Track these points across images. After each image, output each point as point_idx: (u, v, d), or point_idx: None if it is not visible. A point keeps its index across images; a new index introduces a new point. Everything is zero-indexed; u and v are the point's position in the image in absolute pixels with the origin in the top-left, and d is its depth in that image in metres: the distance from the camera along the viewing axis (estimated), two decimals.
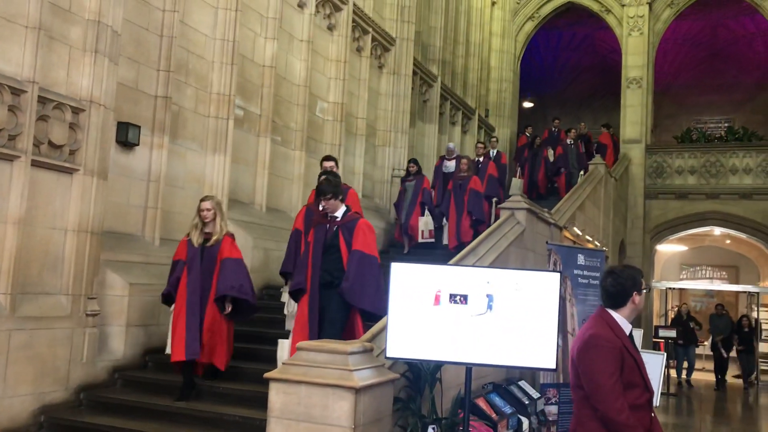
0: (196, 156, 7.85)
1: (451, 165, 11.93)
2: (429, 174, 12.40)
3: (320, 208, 5.58)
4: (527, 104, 23.79)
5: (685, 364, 15.11)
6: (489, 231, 7.83)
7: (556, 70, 24.59)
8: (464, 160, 11.20)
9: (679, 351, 15.01)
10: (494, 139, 14.74)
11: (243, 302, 5.96)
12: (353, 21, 11.04)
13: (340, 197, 5.43)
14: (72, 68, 5.78)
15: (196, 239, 5.94)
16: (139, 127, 6.88)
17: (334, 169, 8.36)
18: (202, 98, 7.93)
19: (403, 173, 12.37)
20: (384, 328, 4.45)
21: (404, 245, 10.89)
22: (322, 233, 5.46)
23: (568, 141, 14.90)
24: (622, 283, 3.35)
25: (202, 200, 6.06)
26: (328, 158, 7.50)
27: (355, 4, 11.04)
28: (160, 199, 7.14)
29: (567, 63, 24.23)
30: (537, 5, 18.96)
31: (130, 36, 6.80)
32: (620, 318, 3.33)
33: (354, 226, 5.35)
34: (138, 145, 6.91)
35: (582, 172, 14.04)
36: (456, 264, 5.87)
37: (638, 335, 9.24)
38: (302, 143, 9.78)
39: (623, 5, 17.63)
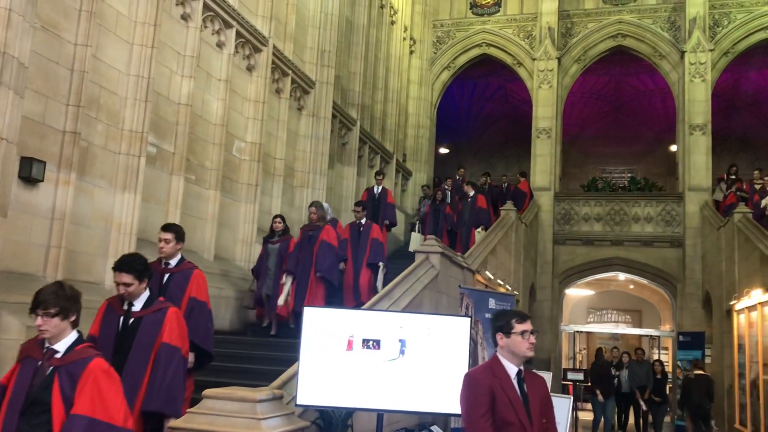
0: (104, 194, 7.58)
1: None
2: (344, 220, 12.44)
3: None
4: (443, 150, 24.38)
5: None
6: (404, 274, 7.89)
7: (471, 119, 25.37)
8: (312, 209, 9.29)
9: (596, 405, 13.42)
10: (380, 177, 13.60)
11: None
12: (273, 63, 11.07)
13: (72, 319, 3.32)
14: None
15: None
16: (44, 162, 6.60)
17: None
18: (113, 135, 7.71)
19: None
20: (295, 375, 4.38)
21: (270, 324, 9.01)
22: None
23: (468, 197, 14.31)
24: (492, 327, 3.56)
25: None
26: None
27: (275, 47, 11.10)
28: (64, 238, 6.83)
29: (481, 112, 25.06)
30: (453, 55, 19.61)
31: (38, 69, 6.56)
32: (504, 360, 3.47)
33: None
34: (42, 181, 6.61)
35: (481, 229, 13.38)
36: (369, 308, 5.87)
37: (548, 378, 9.46)
38: (217, 182, 9.63)
39: (534, 59, 18.47)
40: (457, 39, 19.60)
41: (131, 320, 4.19)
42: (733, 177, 15.85)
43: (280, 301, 8.69)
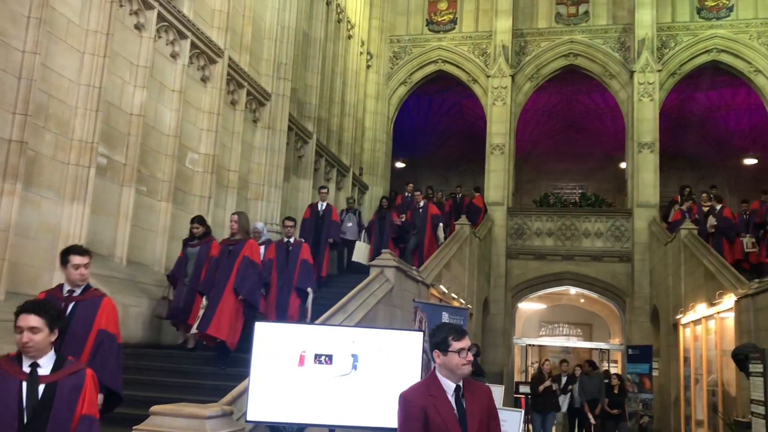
0: (52, 205, 7.40)
1: (262, 250, 8.94)
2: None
3: None
4: (400, 164, 24.51)
5: None
6: (359, 288, 7.90)
7: (427, 134, 25.58)
8: (234, 217, 8.24)
9: (536, 420, 12.47)
10: (324, 191, 12.89)
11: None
12: (228, 74, 11.00)
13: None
14: None
15: None
16: None
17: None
18: (62, 144, 7.54)
19: (276, 227, 12.23)
20: (245, 390, 4.33)
21: (186, 338, 8.22)
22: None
23: (419, 207, 14.10)
24: (429, 343, 3.49)
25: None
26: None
27: (230, 58, 11.02)
28: (8, 250, 6.62)
29: (437, 127, 25.30)
30: (409, 71, 19.78)
31: None
32: (441, 377, 3.39)
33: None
34: None
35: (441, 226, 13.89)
36: (322, 323, 5.85)
37: (499, 391, 9.55)
38: (169, 194, 9.48)
39: (488, 76, 18.76)
40: (413, 55, 19.79)
41: (41, 388, 3.12)
42: (686, 197, 16.28)
43: (195, 328, 7.67)
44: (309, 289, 9.00)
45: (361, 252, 13.67)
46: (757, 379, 7.27)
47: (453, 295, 12.05)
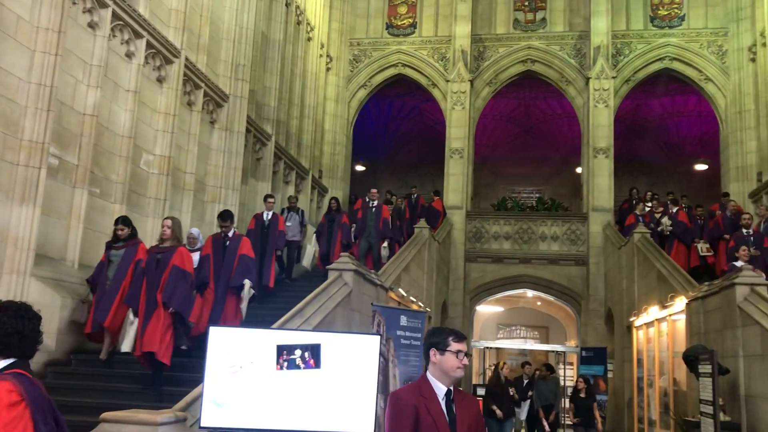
0: (0, 207, 7.19)
1: (196, 258, 8.41)
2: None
3: None
4: (360, 168, 24.50)
5: None
6: (317, 292, 7.86)
7: (387, 137, 25.64)
8: (167, 222, 7.55)
9: (493, 426, 11.31)
10: (271, 200, 11.98)
11: None
12: (185, 75, 10.84)
13: None
14: None
15: None
16: None
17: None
18: (11, 145, 7.32)
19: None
20: (200, 396, 4.25)
21: (103, 349, 7.44)
22: None
23: (371, 205, 13.43)
24: (425, 342, 3.48)
25: None
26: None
27: (187, 59, 10.87)
28: None
29: (397, 131, 25.37)
30: (369, 74, 19.80)
31: None
32: (433, 380, 3.38)
33: None
34: None
35: (386, 243, 12.95)
36: (279, 328, 5.79)
37: None
38: (123, 196, 9.30)
39: (448, 81, 18.89)
40: (373, 58, 19.82)
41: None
42: (636, 198, 16.62)
43: (125, 346, 7.14)
44: (246, 281, 8.43)
45: (309, 257, 13.32)
46: (706, 380, 7.46)
47: (412, 298, 12.07)
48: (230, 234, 8.95)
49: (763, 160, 15.97)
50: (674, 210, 14.62)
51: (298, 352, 4.05)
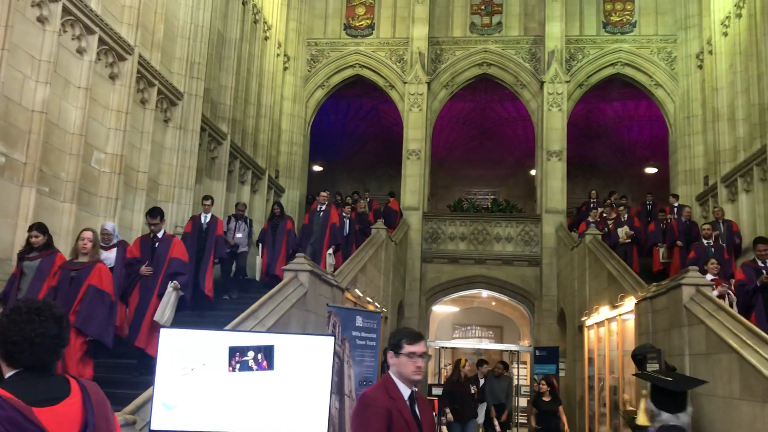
0: None
1: (108, 260, 7.62)
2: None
3: None
4: (317, 168, 24.43)
5: None
6: (271, 293, 7.81)
7: (345, 138, 25.64)
8: (86, 234, 6.78)
9: (455, 427, 10.72)
10: (208, 202, 11.26)
11: None
12: (138, 72, 10.66)
13: None
14: None
15: None
16: None
17: None
18: None
19: (180, 231, 11.88)
20: (150, 399, 4.20)
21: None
22: None
23: (319, 209, 13.01)
24: (388, 343, 3.49)
25: None
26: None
27: (141, 56, 10.69)
28: None
29: (355, 131, 25.39)
30: (327, 74, 19.75)
31: None
32: (397, 380, 3.38)
33: None
34: None
35: (331, 250, 12.27)
36: (232, 329, 5.75)
37: None
38: (74, 195, 9.09)
39: (405, 82, 18.98)
40: (331, 58, 19.78)
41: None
42: (595, 201, 16.93)
43: None
44: (171, 285, 7.70)
45: (256, 268, 12.52)
46: None
47: (368, 298, 12.10)
48: (160, 235, 8.21)
49: (709, 164, 16.46)
50: (625, 216, 14.76)
51: (251, 354, 4.02)
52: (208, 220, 10.95)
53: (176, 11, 12.27)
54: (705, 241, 12.03)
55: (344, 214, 14.44)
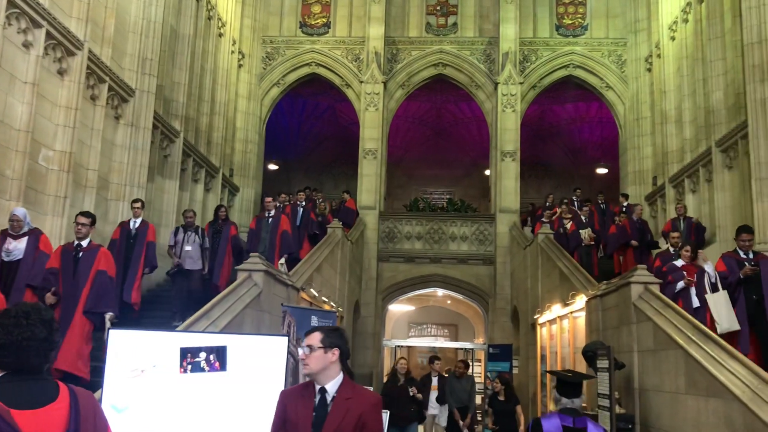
0: None
1: (17, 250, 7.21)
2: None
3: None
4: (273, 167, 24.25)
5: None
6: (225, 293, 7.72)
7: (301, 136, 25.51)
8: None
9: None
10: (137, 204, 10.27)
11: None
12: (88, 68, 10.41)
13: None
14: None
15: None
16: None
17: None
18: None
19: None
20: (99, 401, 4.11)
21: None
22: None
23: (267, 215, 12.02)
24: None
25: None
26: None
27: (90, 51, 10.45)
28: None
29: (311, 130, 25.28)
30: (283, 72, 19.62)
31: None
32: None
33: None
34: None
35: (283, 259, 10.77)
36: (184, 330, 5.67)
37: None
38: (20, 193, 8.83)
39: (361, 82, 18.99)
40: (287, 56, 19.65)
41: None
42: (548, 205, 17.13)
43: None
44: (107, 315, 7.00)
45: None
46: (603, 374, 7.80)
47: (324, 298, 12.06)
48: (85, 243, 7.34)
49: (657, 165, 16.90)
50: (585, 219, 14.62)
51: (203, 355, 3.98)
52: (137, 225, 9.95)
53: (128, 6, 12.03)
54: (672, 250, 10.32)
55: (299, 202, 14.26)
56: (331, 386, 3.27)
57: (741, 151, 12.29)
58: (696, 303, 8.43)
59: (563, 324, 12.15)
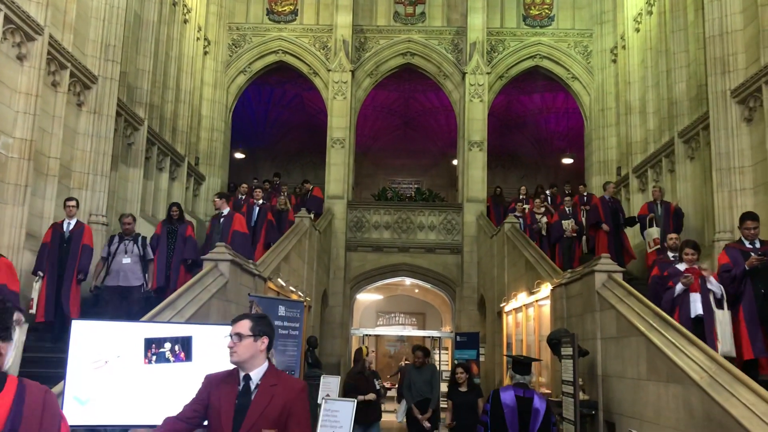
0: None
1: None
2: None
3: None
4: (239, 155, 24.02)
5: None
6: (190, 283, 7.65)
7: (268, 125, 25.30)
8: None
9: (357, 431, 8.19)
10: (71, 203, 9.37)
11: None
12: (49, 53, 10.17)
13: None
14: None
15: None
16: None
17: None
18: None
19: (102, 219, 11.46)
20: (61, 393, 4.05)
21: None
22: None
23: (220, 214, 11.27)
24: None
25: None
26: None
27: (51, 36, 10.20)
28: None
29: (278, 119, 25.09)
30: (249, 60, 19.41)
31: None
32: None
33: None
34: None
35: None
36: (149, 320, 5.61)
37: (335, 382, 9.69)
38: None
39: (329, 70, 18.89)
40: (253, 44, 19.44)
41: None
42: (523, 197, 17.24)
43: None
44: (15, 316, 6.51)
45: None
46: (567, 362, 7.93)
47: (291, 288, 12.03)
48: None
49: (622, 156, 17.15)
50: (569, 209, 14.48)
51: (167, 345, 3.95)
52: (71, 227, 9.13)
53: None
54: (671, 254, 9.35)
55: (254, 201, 13.82)
56: (256, 374, 3.24)
57: (702, 141, 12.53)
58: (699, 310, 7.33)
59: (529, 312, 12.31)
